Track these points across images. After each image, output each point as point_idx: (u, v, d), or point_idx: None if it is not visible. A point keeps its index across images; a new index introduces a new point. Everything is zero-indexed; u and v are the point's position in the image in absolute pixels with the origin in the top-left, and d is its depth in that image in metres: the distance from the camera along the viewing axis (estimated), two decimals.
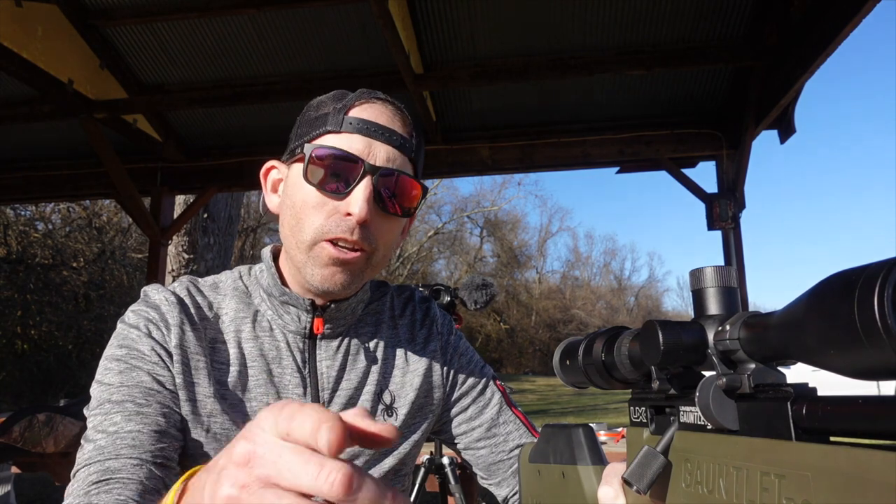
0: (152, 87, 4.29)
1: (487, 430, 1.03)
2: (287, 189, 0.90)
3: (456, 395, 1.04)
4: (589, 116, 4.46)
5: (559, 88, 4.21)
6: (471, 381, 1.05)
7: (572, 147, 4.50)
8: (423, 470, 2.65)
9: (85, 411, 0.85)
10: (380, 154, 0.84)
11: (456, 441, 1.06)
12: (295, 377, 0.90)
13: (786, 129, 4.10)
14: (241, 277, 0.97)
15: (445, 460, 2.68)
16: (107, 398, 0.82)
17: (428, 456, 2.69)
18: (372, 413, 0.92)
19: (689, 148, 4.40)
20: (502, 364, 29.32)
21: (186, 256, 6.08)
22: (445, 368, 1.03)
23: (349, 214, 0.82)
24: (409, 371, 0.99)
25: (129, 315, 0.88)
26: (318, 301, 0.91)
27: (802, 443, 0.38)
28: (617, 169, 4.74)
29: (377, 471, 0.94)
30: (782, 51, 3.47)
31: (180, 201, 5.92)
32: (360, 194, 0.82)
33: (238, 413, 0.87)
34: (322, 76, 4.06)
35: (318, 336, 0.93)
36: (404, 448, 0.98)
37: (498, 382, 1.07)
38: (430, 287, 2.69)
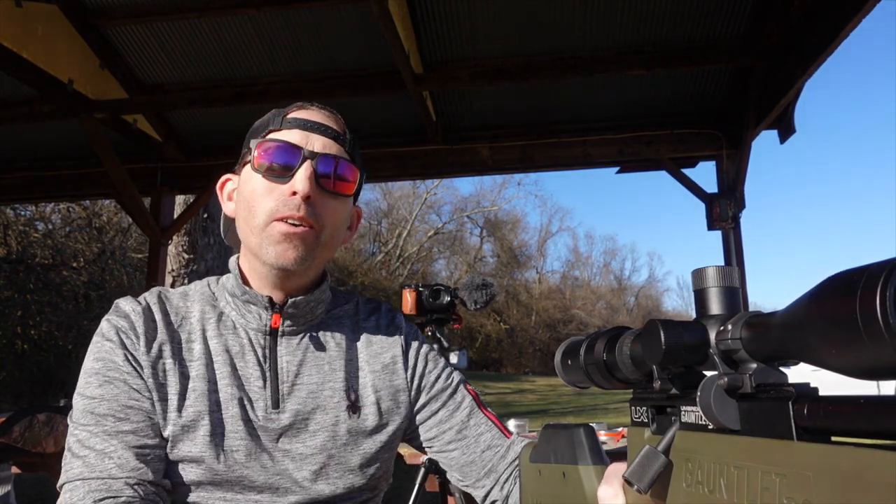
0: (152, 87, 4.29)
1: (458, 433, 1.05)
2: (239, 188, 1.00)
3: (424, 399, 1.07)
4: (589, 116, 4.46)
5: (559, 88, 4.21)
6: (440, 384, 1.08)
7: (572, 147, 4.50)
8: (423, 470, 2.65)
9: (69, 421, 0.91)
10: (316, 143, 0.95)
11: (428, 445, 1.08)
12: (256, 370, 0.97)
13: (786, 129, 4.10)
14: (209, 285, 1.05)
15: None
16: (90, 410, 0.88)
17: (428, 456, 2.68)
18: (336, 409, 0.99)
19: (689, 148, 4.40)
20: (502, 364, 29.31)
21: (186, 256, 6.08)
22: (410, 372, 1.06)
23: (294, 193, 0.91)
24: (371, 373, 1.03)
25: (103, 325, 0.95)
26: (277, 297, 0.99)
27: (804, 442, 0.38)
28: (617, 169, 4.74)
29: (341, 453, 0.97)
30: (782, 51, 3.47)
31: (180, 201, 5.91)
32: (301, 174, 0.92)
33: (207, 401, 0.93)
34: (322, 76, 4.06)
35: (280, 333, 0.99)
36: (373, 451, 1.00)
37: (468, 387, 1.10)
38: (430, 287, 2.69)
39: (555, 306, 33.46)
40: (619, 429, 3.69)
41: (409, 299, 2.61)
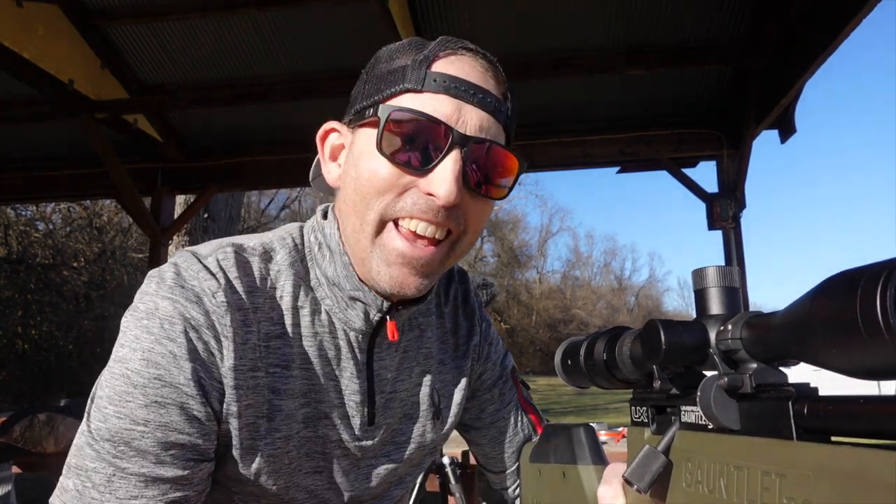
0: (153, 87, 4.29)
1: (497, 424, 0.98)
2: (351, 158, 0.73)
3: (480, 385, 0.97)
4: (589, 116, 4.46)
5: (559, 88, 4.21)
6: (493, 374, 0.98)
7: (572, 147, 4.50)
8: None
9: (86, 420, 0.68)
10: (471, 120, 0.68)
11: (465, 429, 1.02)
12: (354, 382, 0.78)
13: (786, 129, 4.09)
14: (296, 247, 0.78)
15: (446, 460, 2.68)
16: (126, 440, 0.64)
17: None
18: (424, 418, 0.86)
19: (689, 148, 4.39)
20: None
21: None
22: (480, 361, 0.95)
23: (431, 195, 0.67)
24: (455, 368, 0.90)
25: (162, 305, 0.66)
26: (392, 299, 0.76)
27: (804, 442, 0.38)
28: (617, 169, 4.74)
29: (405, 465, 0.88)
30: (782, 51, 3.46)
31: (180, 201, 5.92)
32: (447, 171, 0.66)
33: (294, 422, 0.74)
34: (322, 76, 4.06)
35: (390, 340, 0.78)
36: (438, 442, 0.91)
37: (515, 377, 1.02)
38: None
39: (555, 306, 33.48)
40: (620, 429, 3.70)
41: None
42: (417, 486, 2.61)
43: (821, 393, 0.40)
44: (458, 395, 0.89)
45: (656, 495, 0.51)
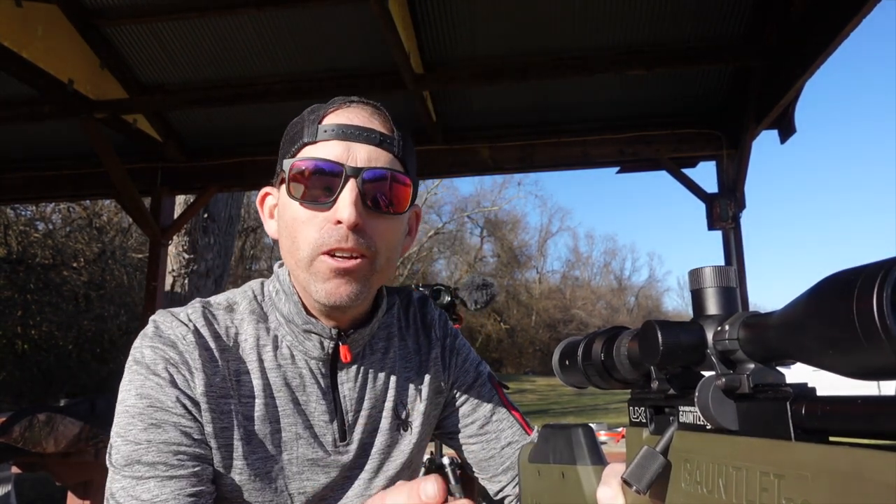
0: (152, 87, 4.29)
1: (480, 427, 1.04)
2: (279, 211, 0.88)
3: (453, 393, 1.05)
4: (589, 116, 4.46)
5: (559, 88, 4.21)
6: (468, 378, 1.06)
7: (572, 147, 4.50)
8: (423, 470, 2.65)
9: (108, 461, 0.81)
10: (360, 155, 0.82)
11: (449, 437, 1.08)
12: (321, 404, 0.89)
13: (786, 129, 4.09)
14: (255, 298, 0.93)
15: (445, 460, 2.68)
16: (136, 459, 0.78)
17: (428, 456, 2.69)
18: (391, 429, 0.95)
19: (689, 148, 4.39)
20: (502, 364, 29.31)
21: (186, 256, 6.08)
22: (446, 372, 1.04)
23: (339, 222, 0.80)
24: (419, 383, 1.00)
25: (146, 354, 0.82)
26: (340, 324, 0.89)
27: (802, 443, 0.38)
28: (617, 169, 4.74)
29: (390, 467, 0.96)
30: (782, 51, 3.46)
31: (180, 201, 5.91)
32: (345, 199, 0.79)
33: (270, 445, 0.85)
34: (322, 76, 4.06)
35: (344, 362, 0.91)
36: (412, 455, 1.00)
37: (494, 380, 1.08)
38: (430, 287, 2.69)
39: (555, 306, 33.46)
40: (620, 429, 3.69)
41: None
42: None
43: (819, 393, 0.40)
44: (421, 405, 0.98)
45: (655, 496, 0.51)
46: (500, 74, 3.76)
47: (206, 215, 6.17)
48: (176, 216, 5.15)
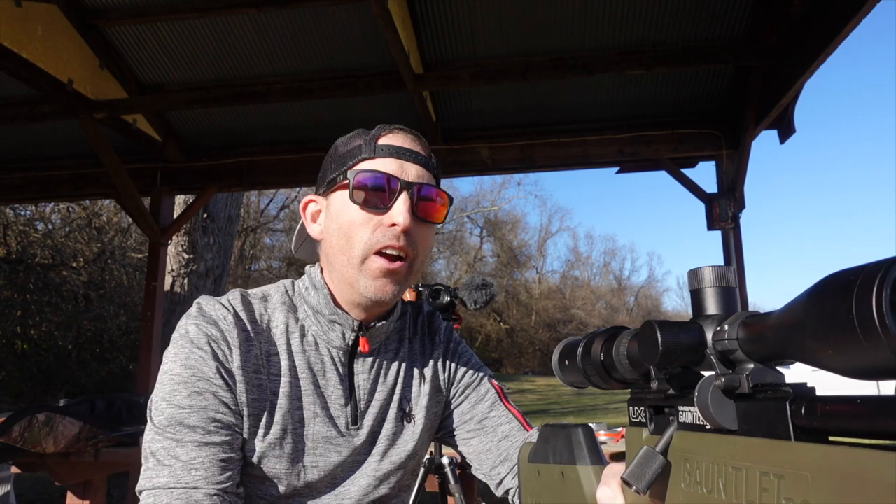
0: (152, 87, 4.29)
1: (478, 423, 1.12)
2: (331, 215, 1.00)
3: (453, 392, 1.14)
4: (589, 116, 4.46)
5: (559, 88, 4.21)
6: (467, 378, 1.14)
7: (572, 147, 4.50)
8: (422, 470, 2.65)
9: (150, 424, 0.90)
10: (411, 172, 0.97)
11: (449, 435, 1.15)
12: (338, 389, 1.00)
13: (786, 129, 4.10)
14: (287, 292, 1.05)
15: (445, 460, 2.67)
16: (179, 420, 0.88)
17: (428, 456, 2.68)
18: (396, 420, 1.05)
19: (689, 148, 4.39)
20: (502, 364, 29.30)
21: (186, 256, 6.08)
22: (446, 372, 1.13)
23: (393, 225, 0.93)
24: (423, 381, 1.10)
25: (191, 329, 0.93)
26: (365, 320, 1.01)
27: (801, 443, 0.38)
28: (617, 169, 4.74)
29: (394, 454, 1.04)
30: (782, 51, 3.46)
31: (180, 201, 5.91)
32: (401, 206, 0.93)
33: (291, 419, 0.95)
34: (322, 76, 4.06)
35: (362, 352, 1.02)
36: (416, 446, 1.07)
37: (494, 382, 1.16)
38: (430, 287, 2.69)
39: (555, 306, 33.44)
40: (619, 429, 3.69)
41: (409, 299, 2.61)
42: (417, 486, 2.61)
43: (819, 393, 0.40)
44: (424, 400, 1.08)
45: (655, 496, 0.51)
46: (500, 74, 3.76)
47: (205, 215, 6.17)
48: (176, 216, 5.15)
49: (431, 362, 1.12)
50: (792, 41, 3.36)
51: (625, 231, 62.38)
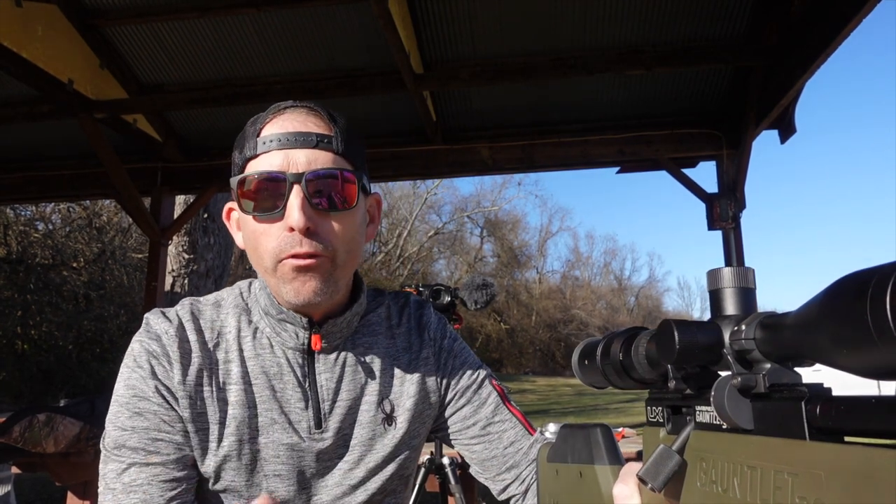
0: (152, 87, 4.28)
1: (483, 429, 1.05)
2: (241, 225, 0.94)
3: (451, 395, 1.06)
4: (589, 116, 4.46)
5: (559, 88, 4.21)
6: (465, 381, 1.06)
7: (572, 147, 4.50)
8: (423, 470, 2.65)
9: (101, 446, 0.90)
10: (299, 160, 0.85)
11: (452, 439, 1.08)
12: (296, 392, 0.93)
13: (786, 129, 4.10)
14: (241, 294, 1.00)
15: (445, 460, 2.68)
16: (122, 443, 0.87)
17: (428, 456, 2.69)
18: (372, 422, 0.97)
19: (689, 148, 4.40)
20: (502, 364, 29.30)
21: (186, 256, 6.07)
22: (440, 373, 1.05)
23: (292, 229, 0.84)
24: (407, 380, 1.01)
25: (134, 347, 0.91)
26: (314, 317, 0.93)
27: (816, 442, 0.38)
28: (617, 169, 4.74)
29: (371, 459, 0.97)
30: (782, 51, 3.47)
31: (180, 201, 5.91)
32: (293, 205, 0.83)
33: (247, 428, 0.91)
34: (322, 76, 4.06)
35: (316, 351, 0.95)
36: (406, 454, 1.01)
37: (494, 382, 1.09)
38: (430, 287, 2.69)
39: (555, 306, 33.46)
40: (619, 429, 3.69)
41: None
42: (417, 486, 2.61)
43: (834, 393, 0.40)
44: (408, 402, 1.00)
45: (670, 494, 0.51)
46: (500, 74, 3.76)
47: (205, 215, 6.17)
48: (176, 216, 5.14)
49: (419, 360, 1.03)
50: (792, 41, 3.37)
51: (625, 231, 62.52)
